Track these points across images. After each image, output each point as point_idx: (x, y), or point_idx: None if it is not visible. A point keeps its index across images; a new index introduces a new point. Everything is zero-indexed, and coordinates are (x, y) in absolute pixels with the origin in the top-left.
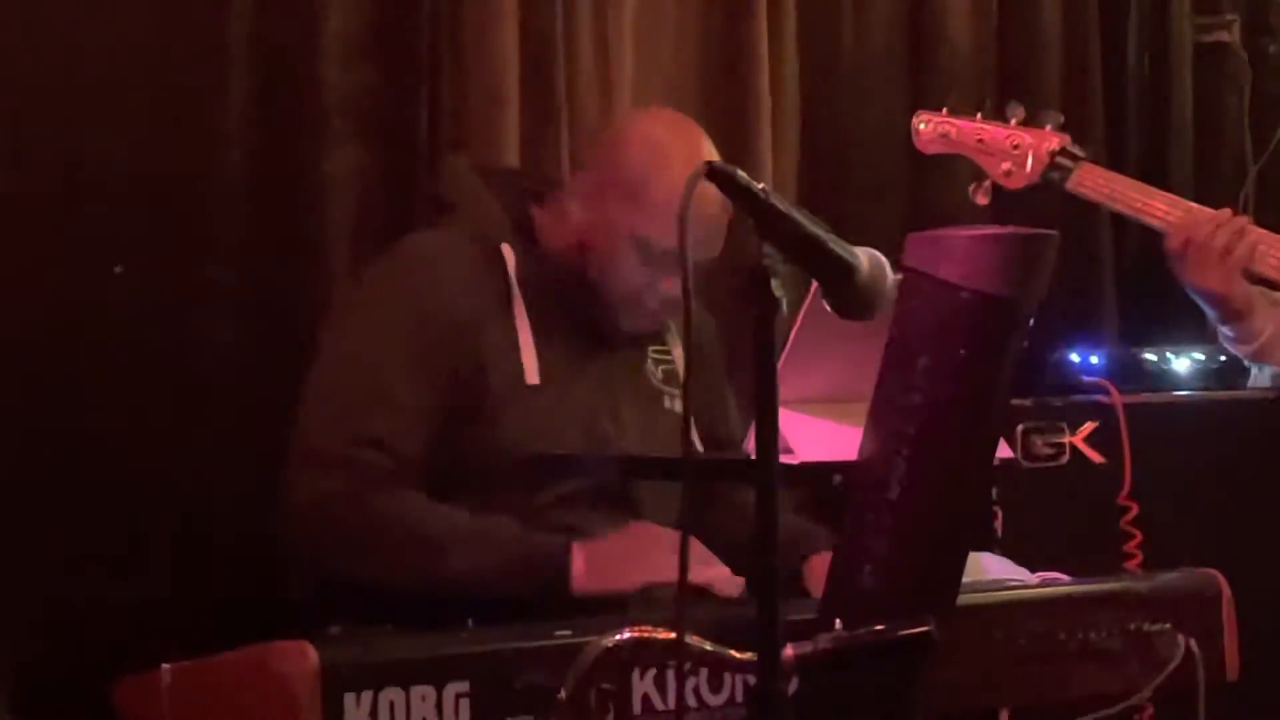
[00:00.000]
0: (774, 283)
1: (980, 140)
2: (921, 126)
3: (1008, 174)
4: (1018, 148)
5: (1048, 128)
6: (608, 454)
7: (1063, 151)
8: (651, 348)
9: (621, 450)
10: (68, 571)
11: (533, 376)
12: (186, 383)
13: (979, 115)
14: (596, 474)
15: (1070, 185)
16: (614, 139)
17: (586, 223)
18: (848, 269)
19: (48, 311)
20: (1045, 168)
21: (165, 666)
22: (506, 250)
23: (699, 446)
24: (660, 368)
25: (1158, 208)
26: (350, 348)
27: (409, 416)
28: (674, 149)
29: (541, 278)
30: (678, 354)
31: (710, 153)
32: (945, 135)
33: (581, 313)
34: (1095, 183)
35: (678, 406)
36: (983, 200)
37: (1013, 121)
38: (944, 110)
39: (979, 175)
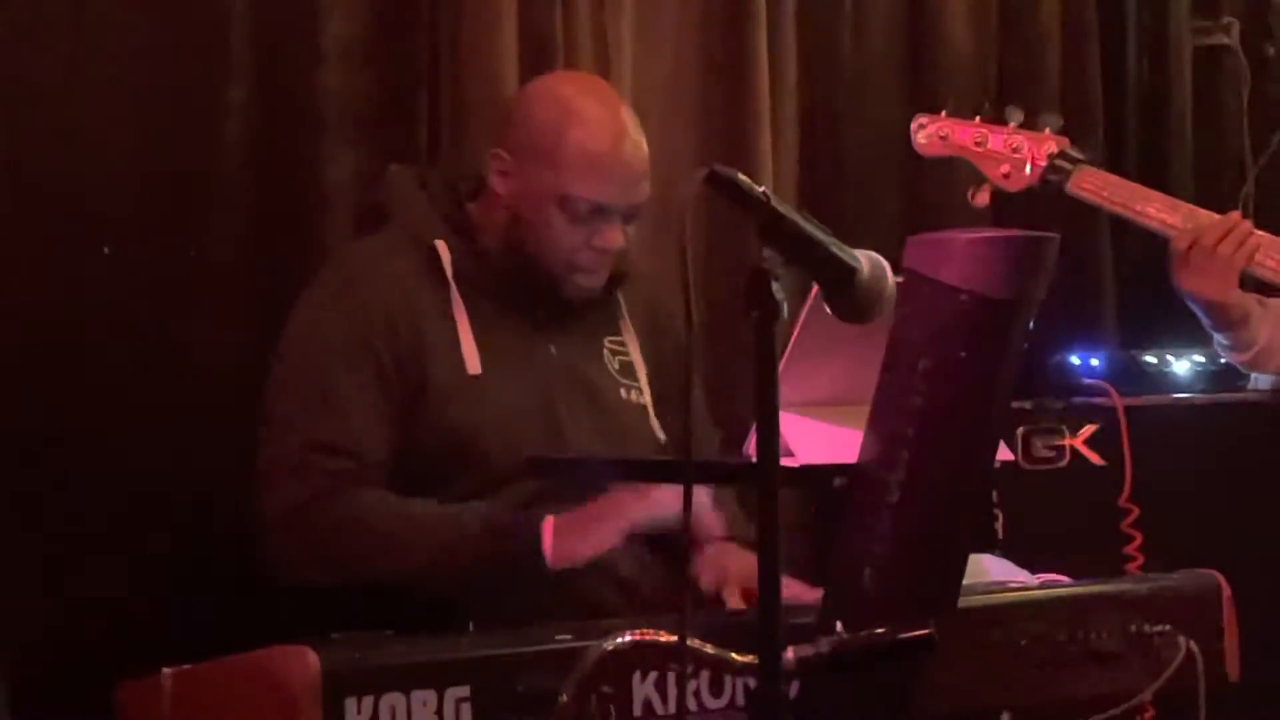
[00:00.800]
0: (775, 286)
1: (979, 143)
2: (920, 129)
3: (1006, 177)
4: (1016, 151)
5: (1046, 130)
6: (608, 457)
7: (1061, 154)
8: (607, 339)
9: (576, 441)
10: (69, 574)
11: (474, 366)
12: (187, 385)
13: (978, 118)
14: (595, 476)
15: (1069, 188)
16: (520, 106)
17: (511, 196)
18: (848, 272)
19: (49, 312)
20: (1044, 170)
21: (166, 670)
22: (441, 246)
23: (660, 435)
24: (617, 358)
25: (1156, 211)
26: (292, 360)
27: (359, 417)
28: (581, 103)
29: (480, 270)
30: (634, 348)
31: (620, 104)
32: (944, 138)
33: (525, 301)
34: (1093, 185)
35: (634, 397)
36: (982, 203)
37: (1012, 124)
38: (943, 113)
39: (978, 178)
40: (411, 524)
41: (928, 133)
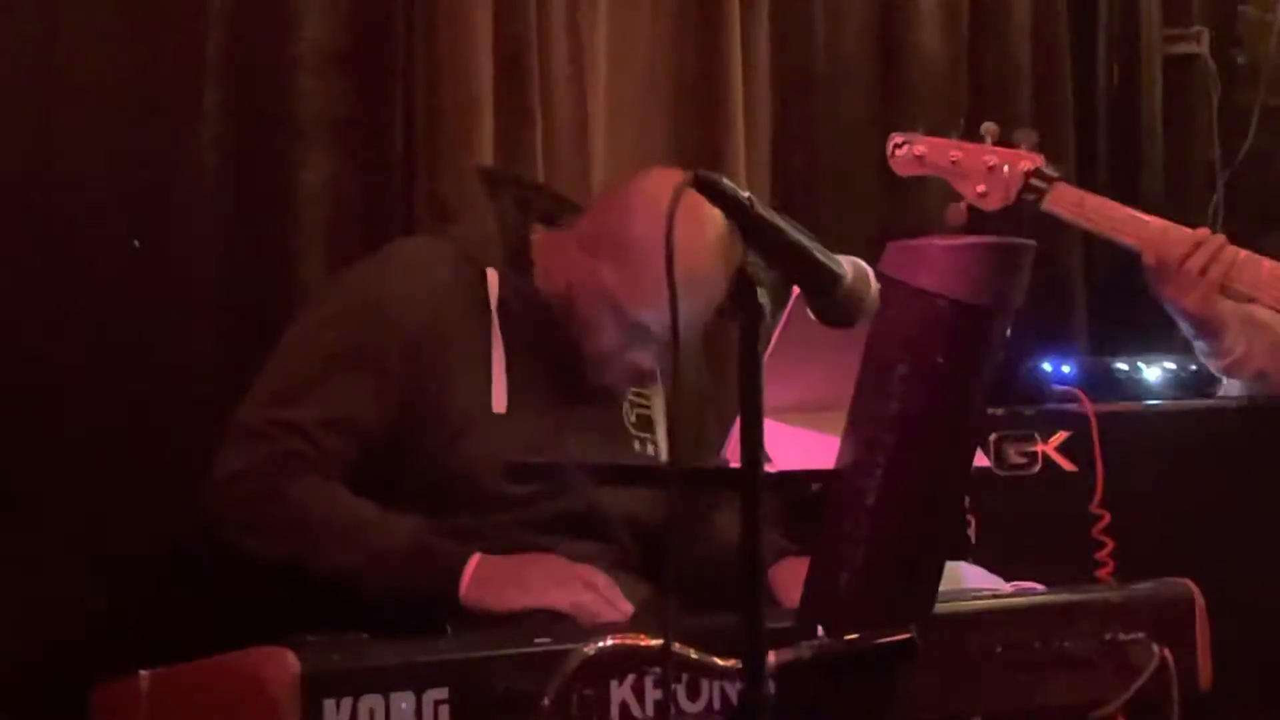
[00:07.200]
0: (760, 291)
1: (955, 162)
2: (896, 148)
3: (983, 196)
4: (992, 169)
5: (1022, 148)
6: (586, 462)
7: (1037, 173)
8: (630, 389)
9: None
10: (46, 575)
11: (500, 405)
12: (163, 389)
13: (953, 136)
14: (577, 484)
15: (1045, 206)
16: (626, 199)
17: (576, 271)
18: (832, 277)
19: (28, 315)
20: (1020, 189)
21: (144, 672)
22: (491, 275)
23: None
24: (635, 411)
25: (1131, 227)
26: (302, 337)
27: (339, 413)
28: (682, 232)
29: (524, 308)
30: (657, 400)
31: (717, 245)
32: (920, 157)
33: (559, 349)
34: (1069, 203)
35: (649, 451)
36: (958, 221)
37: (987, 140)
38: (919, 131)
39: (954, 196)
40: (346, 520)
41: (904, 153)
